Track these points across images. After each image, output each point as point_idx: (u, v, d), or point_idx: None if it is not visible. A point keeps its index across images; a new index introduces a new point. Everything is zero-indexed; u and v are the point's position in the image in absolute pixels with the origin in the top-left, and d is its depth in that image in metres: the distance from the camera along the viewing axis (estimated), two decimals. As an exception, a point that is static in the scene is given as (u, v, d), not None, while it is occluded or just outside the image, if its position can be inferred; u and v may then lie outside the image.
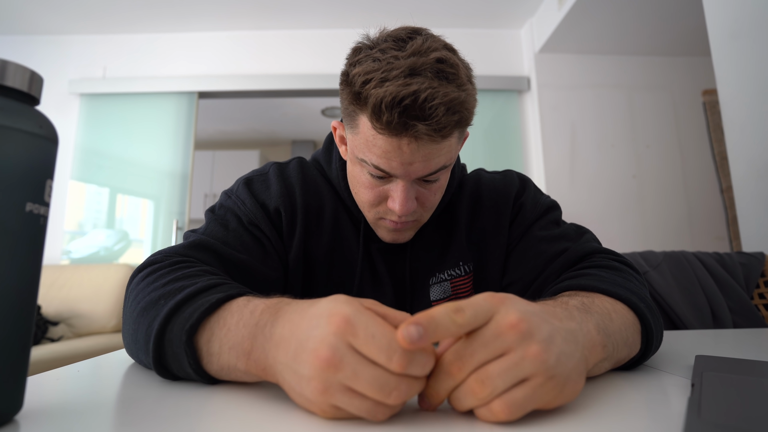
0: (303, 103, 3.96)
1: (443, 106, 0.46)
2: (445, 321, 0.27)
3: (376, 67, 0.47)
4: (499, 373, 0.27)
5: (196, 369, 0.36)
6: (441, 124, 0.46)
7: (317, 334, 0.28)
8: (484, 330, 0.28)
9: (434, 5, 2.68)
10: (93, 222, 2.77)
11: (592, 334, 0.35)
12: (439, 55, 0.48)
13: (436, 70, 0.47)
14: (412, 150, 0.49)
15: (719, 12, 1.51)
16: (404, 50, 0.48)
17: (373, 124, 0.48)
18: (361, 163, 0.54)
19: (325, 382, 0.27)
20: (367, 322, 0.27)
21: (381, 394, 0.27)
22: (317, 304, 0.31)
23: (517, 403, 0.27)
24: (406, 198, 0.53)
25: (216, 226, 0.58)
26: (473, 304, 0.28)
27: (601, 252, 0.57)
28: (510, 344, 0.28)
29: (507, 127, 2.84)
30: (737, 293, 1.04)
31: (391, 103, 0.45)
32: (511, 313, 0.29)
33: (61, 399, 0.35)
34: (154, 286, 0.42)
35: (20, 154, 0.27)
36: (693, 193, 2.70)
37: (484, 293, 0.30)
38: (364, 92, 0.47)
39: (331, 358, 0.26)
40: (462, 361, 0.28)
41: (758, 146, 1.36)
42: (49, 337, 2.12)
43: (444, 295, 0.65)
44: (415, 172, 0.51)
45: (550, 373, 0.28)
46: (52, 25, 2.78)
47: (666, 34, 2.60)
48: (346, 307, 0.28)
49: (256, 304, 0.36)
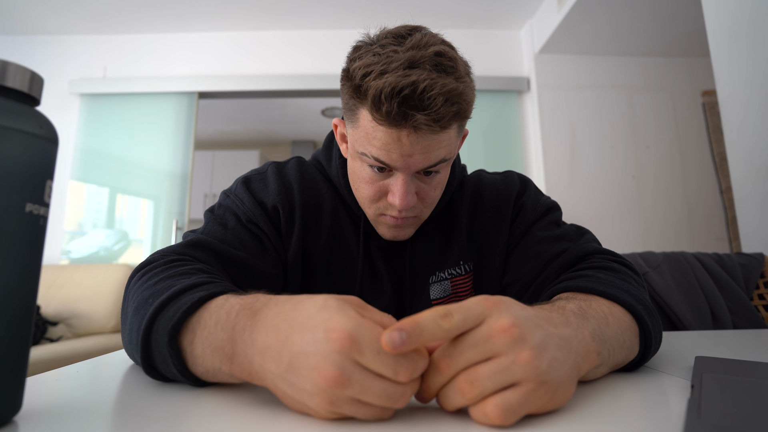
0: (303, 103, 3.96)
1: (442, 97, 0.46)
2: (431, 326, 0.27)
3: (375, 60, 0.48)
4: (489, 375, 0.27)
5: (180, 370, 0.35)
6: (440, 114, 0.47)
7: (317, 350, 0.27)
8: (475, 331, 0.29)
9: (434, 6, 2.68)
10: (93, 222, 2.77)
11: (587, 341, 0.35)
12: (438, 49, 0.49)
13: (434, 63, 0.48)
14: (412, 142, 0.49)
15: (718, 13, 1.51)
16: (403, 45, 0.49)
17: (373, 116, 0.49)
18: (361, 158, 0.54)
19: (332, 396, 0.27)
20: (371, 338, 0.27)
21: (389, 403, 0.27)
22: (304, 310, 0.30)
23: (511, 407, 0.27)
24: (405, 192, 0.53)
25: (215, 225, 0.58)
26: (463, 309, 0.29)
27: (601, 252, 0.57)
28: (500, 348, 0.28)
29: (507, 127, 2.84)
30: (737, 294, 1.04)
31: (391, 94, 0.46)
32: (504, 317, 0.29)
33: (61, 400, 0.35)
34: (147, 285, 0.42)
35: (20, 155, 0.27)
36: (692, 194, 2.70)
37: (479, 296, 0.30)
38: (364, 85, 0.48)
39: (339, 377, 0.26)
40: (450, 359, 0.28)
41: (757, 147, 1.36)
42: (48, 338, 2.11)
43: (444, 294, 0.65)
44: (414, 165, 0.52)
45: (541, 379, 0.28)
46: (52, 25, 2.78)
47: (665, 34, 2.60)
48: (344, 320, 0.27)
49: (232, 304, 0.35)
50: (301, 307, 0.30)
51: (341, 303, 0.29)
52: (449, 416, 0.30)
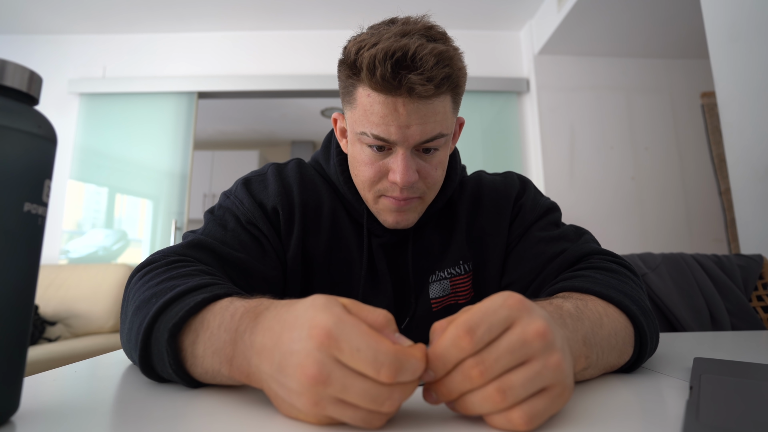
0: (302, 103, 3.96)
1: (433, 58, 0.49)
2: (453, 353, 0.27)
3: (368, 37, 0.52)
4: (523, 383, 0.26)
5: (176, 369, 0.35)
6: (432, 74, 0.49)
7: (300, 348, 0.27)
8: (509, 336, 0.27)
9: (434, 7, 2.68)
10: (92, 221, 2.76)
11: (578, 344, 0.36)
12: (428, 23, 0.54)
13: (424, 34, 0.52)
14: (409, 111, 0.51)
15: (718, 14, 1.51)
16: (394, 24, 0.54)
17: (369, 85, 0.51)
18: (360, 139, 0.55)
19: (316, 396, 0.26)
20: (350, 334, 0.26)
21: (374, 405, 0.26)
22: (294, 310, 0.30)
23: (538, 413, 0.27)
24: (406, 167, 0.53)
25: (214, 226, 0.58)
26: (487, 318, 0.27)
27: (599, 253, 0.57)
28: (534, 352, 0.27)
29: (506, 128, 2.84)
30: (735, 295, 1.04)
31: (384, 58, 0.49)
32: (535, 319, 0.28)
33: (59, 400, 0.35)
34: (148, 285, 0.42)
35: (19, 154, 0.27)
36: (691, 196, 2.71)
37: (498, 296, 0.29)
38: (359, 58, 0.51)
39: (318, 374, 0.25)
40: (485, 366, 0.26)
41: (756, 148, 1.36)
42: (46, 337, 2.11)
43: (443, 293, 0.65)
44: (412, 136, 0.52)
45: (566, 383, 0.28)
46: (52, 24, 2.78)
47: (665, 36, 2.61)
48: (326, 317, 0.27)
49: (236, 306, 0.35)
50: (293, 308, 0.30)
51: (327, 301, 0.28)
52: (450, 415, 0.30)
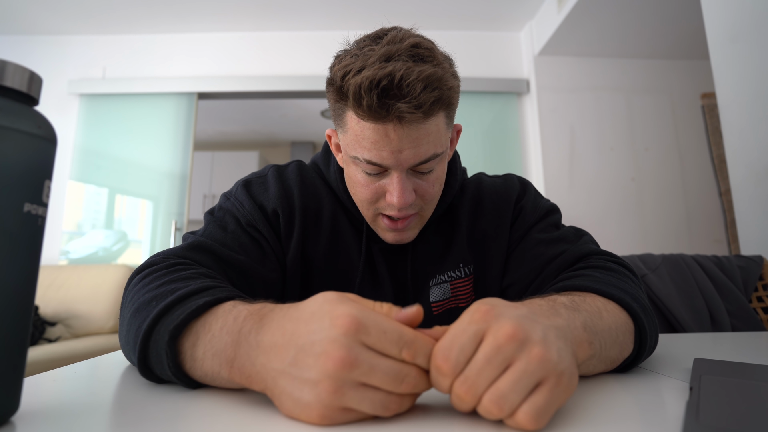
0: (302, 104, 3.96)
1: (420, 83, 0.47)
2: (441, 382, 0.28)
3: (353, 60, 0.50)
4: (512, 387, 0.27)
5: (174, 371, 0.35)
6: (420, 100, 0.47)
7: (323, 337, 0.28)
8: (483, 347, 0.28)
9: (434, 7, 2.69)
10: (92, 222, 2.76)
11: (578, 330, 0.35)
12: (413, 41, 0.50)
13: (410, 54, 0.49)
14: (400, 135, 0.49)
15: (718, 15, 1.51)
16: (380, 43, 0.50)
17: (357, 114, 0.50)
18: (354, 162, 0.55)
19: (338, 381, 0.27)
20: (376, 319, 0.28)
21: (395, 383, 0.28)
22: (307, 307, 0.31)
23: (540, 409, 0.27)
24: (402, 189, 0.53)
25: (214, 228, 0.58)
26: (457, 340, 0.28)
27: (599, 253, 0.57)
28: (512, 354, 0.28)
29: (506, 129, 2.84)
30: (735, 296, 1.04)
31: (369, 87, 0.47)
32: (503, 323, 0.28)
33: (58, 400, 0.35)
34: (149, 287, 0.42)
35: (18, 155, 0.27)
36: (692, 196, 2.71)
37: (466, 314, 0.30)
38: (345, 85, 0.49)
39: (347, 357, 0.27)
40: (468, 383, 0.28)
41: (757, 149, 1.36)
42: (46, 338, 2.11)
43: (443, 297, 0.65)
44: (406, 161, 0.52)
45: (557, 371, 0.28)
46: (52, 25, 2.78)
47: (665, 37, 2.61)
48: (348, 308, 0.29)
49: (240, 310, 0.35)
50: (303, 306, 0.31)
51: (340, 295, 0.31)
52: (450, 415, 0.30)
